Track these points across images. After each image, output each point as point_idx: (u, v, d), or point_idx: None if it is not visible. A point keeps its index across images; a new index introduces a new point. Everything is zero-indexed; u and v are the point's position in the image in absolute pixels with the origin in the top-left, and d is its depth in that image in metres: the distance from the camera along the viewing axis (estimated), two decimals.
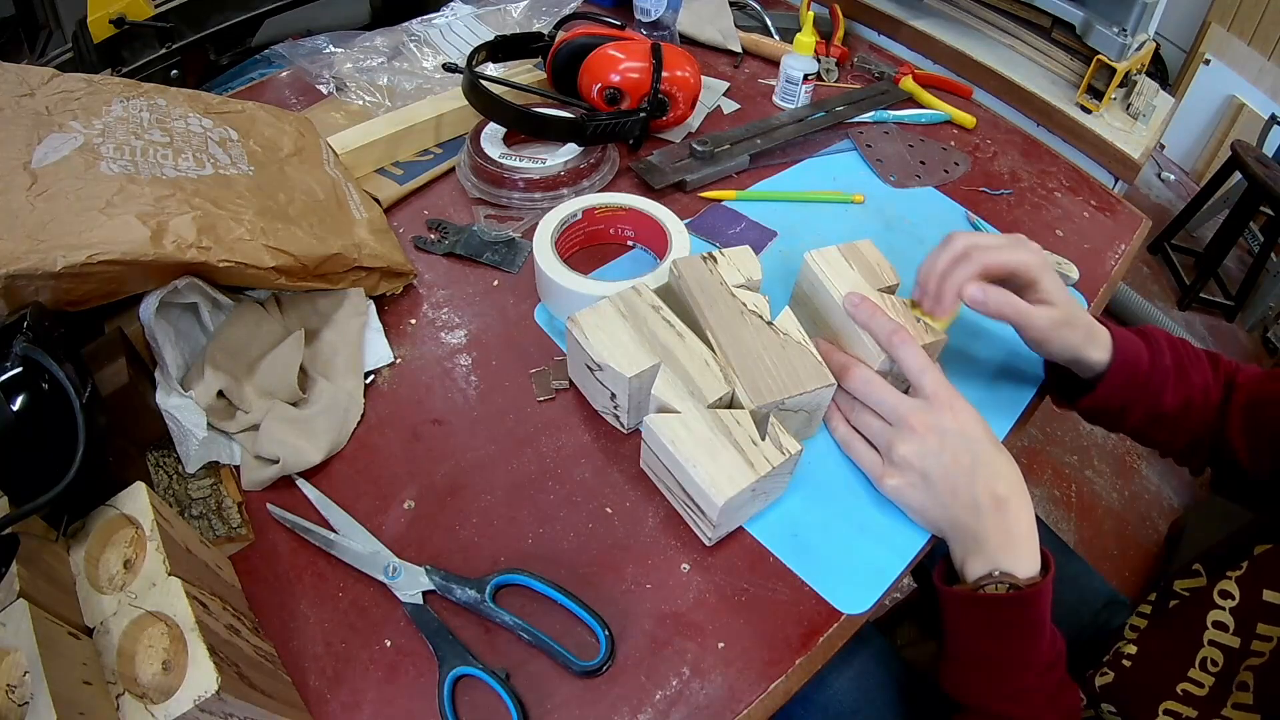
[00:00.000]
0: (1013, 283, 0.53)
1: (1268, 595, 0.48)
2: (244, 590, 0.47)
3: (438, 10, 0.99)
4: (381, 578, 0.48)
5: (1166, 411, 0.56)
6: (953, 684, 0.49)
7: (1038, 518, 0.48)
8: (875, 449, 0.53)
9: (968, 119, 0.91)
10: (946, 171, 0.84)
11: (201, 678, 0.34)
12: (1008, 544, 0.46)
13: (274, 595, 0.48)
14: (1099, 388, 0.55)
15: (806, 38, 0.89)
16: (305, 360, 0.56)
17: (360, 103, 0.83)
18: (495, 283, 0.68)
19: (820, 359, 0.52)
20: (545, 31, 0.85)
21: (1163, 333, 0.58)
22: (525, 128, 0.75)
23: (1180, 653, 0.50)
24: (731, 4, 1.05)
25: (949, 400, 0.49)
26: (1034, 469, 1.72)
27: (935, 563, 0.51)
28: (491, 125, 0.77)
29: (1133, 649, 0.54)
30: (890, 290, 0.56)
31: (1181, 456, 0.61)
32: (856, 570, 0.50)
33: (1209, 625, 0.50)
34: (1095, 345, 0.54)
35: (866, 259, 0.58)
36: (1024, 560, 0.46)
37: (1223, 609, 0.50)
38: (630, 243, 0.72)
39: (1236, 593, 0.50)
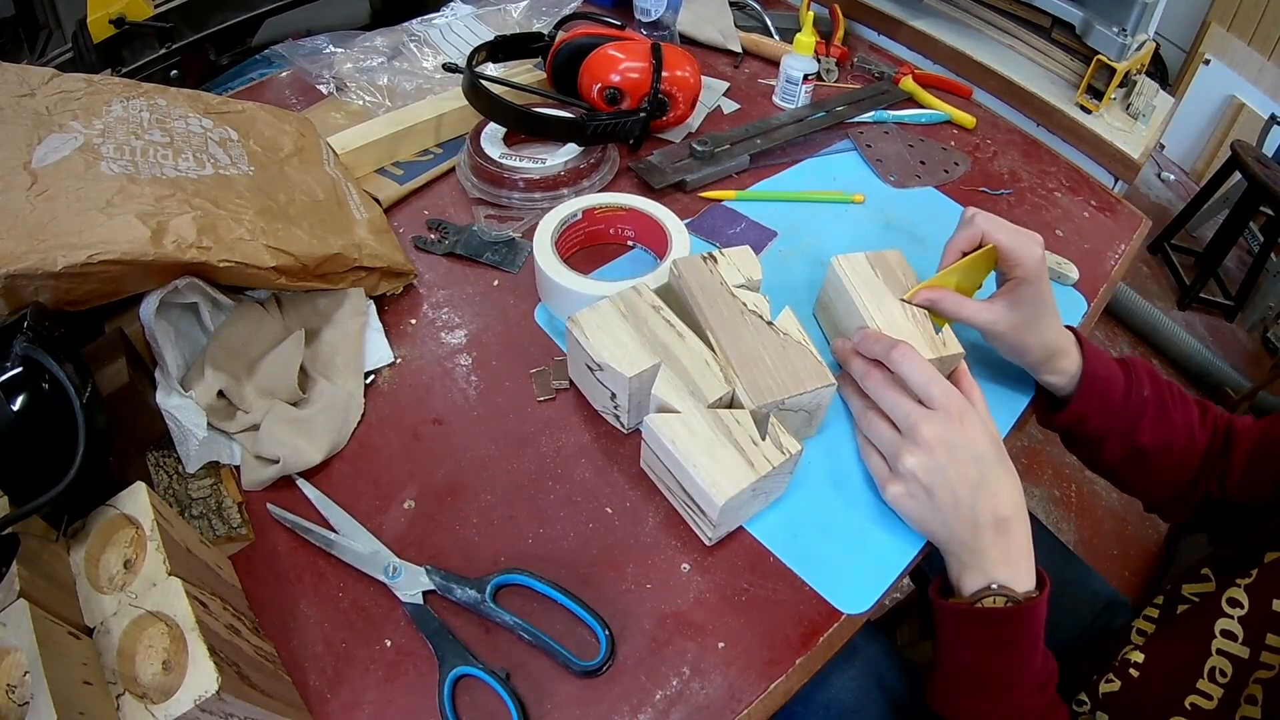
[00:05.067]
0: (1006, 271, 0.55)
1: (1277, 605, 0.47)
2: (244, 590, 0.47)
3: (438, 10, 0.98)
4: (381, 578, 0.48)
5: (1145, 447, 0.56)
6: (942, 702, 0.49)
7: (1037, 519, 0.48)
8: (883, 455, 0.52)
9: (968, 119, 0.91)
10: (946, 171, 0.84)
11: (202, 678, 0.34)
12: (1006, 561, 0.46)
13: (274, 595, 0.48)
14: (1070, 404, 0.56)
15: (806, 38, 0.89)
16: (305, 360, 0.56)
17: (360, 103, 0.83)
18: (495, 283, 0.68)
19: (819, 359, 0.52)
20: (545, 31, 0.85)
21: (1148, 368, 0.58)
22: (525, 128, 0.75)
23: (1189, 662, 0.50)
24: (731, 4, 1.05)
25: (960, 413, 0.48)
26: (1034, 469, 1.72)
27: (934, 565, 0.51)
28: (491, 125, 0.77)
29: (1140, 656, 0.53)
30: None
31: (1166, 509, 0.60)
32: (856, 570, 0.50)
33: (1217, 634, 0.49)
34: (1057, 359, 0.55)
35: (893, 268, 0.59)
36: (1021, 577, 0.46)
37: (1231, 618, 0.49)
38: (630, 243, 0.72)
39: (1245, 601, 0.49)
